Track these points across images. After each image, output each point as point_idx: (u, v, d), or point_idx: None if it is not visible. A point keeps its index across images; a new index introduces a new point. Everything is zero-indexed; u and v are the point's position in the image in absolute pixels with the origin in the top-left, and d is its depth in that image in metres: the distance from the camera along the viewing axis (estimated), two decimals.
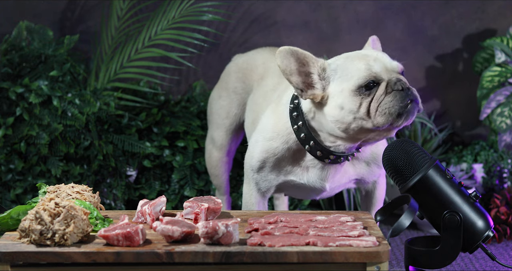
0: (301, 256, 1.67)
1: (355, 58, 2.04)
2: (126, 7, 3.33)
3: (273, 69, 2.46)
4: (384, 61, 2.03)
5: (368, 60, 2.02)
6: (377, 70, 2.01)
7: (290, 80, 2.02)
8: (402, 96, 1.97)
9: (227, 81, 2.65)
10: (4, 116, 3.06)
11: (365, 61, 2.02)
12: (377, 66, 2.01)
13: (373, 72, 2.00)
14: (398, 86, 1.98)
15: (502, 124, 3.28)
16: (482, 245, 1.90)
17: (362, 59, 2.03)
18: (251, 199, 2.24)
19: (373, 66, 2.01)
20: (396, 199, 1.93)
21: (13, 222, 1.83)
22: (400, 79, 2.00)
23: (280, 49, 2.01)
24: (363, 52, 2.08)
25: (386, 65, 2.02)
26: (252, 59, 2.60)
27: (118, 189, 3.11)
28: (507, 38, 3.42)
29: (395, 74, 2.02)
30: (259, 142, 2.17)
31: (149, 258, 1.67)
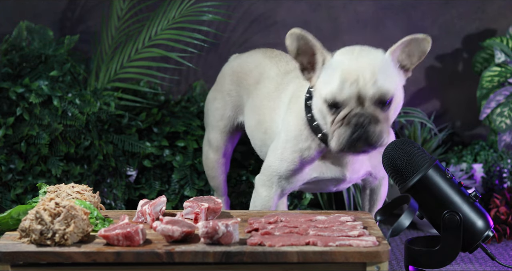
0: (301, 256, 1.67)
1: (342, 70, 1.98)
2: (126, 7, 3.33)
3: (268, 72, 2.46)
4: (362, 87, 1.94)
5: (348, 79, 1.95)
6: (345, 96, 1.95)
7: (296, 59, 2.05)
8: (352, 132, 1.94)
9: (221, 83, 2.67)
10: (4, 116, 3.06)
11: (344, 80, 1.96)
12: (348, 91, 1.94)
13: (340, 96, 1.95)
14: (353, 121, 1.94)
15: (502, 124, 3.28)
16: (482, 245, 1.90)
17: (345, 74, 1.96)
18: (269, 202, 2.23)
19: (345, 89, 1.95)
20: (396, 199, 1.94)
21: (13, 222, 1.84)
22: (362, 114, 1.93)
23: (291, 32, 2.02)
24: (355, 66, 1.98)
25: (361, 92, 1.94)
26: (245, 63, 2.60)
27: (118, 189, 3.12)
28: (507, 38, 3.42)
29: (364, 105, 1.94)
30: (287, 148, 2.16)
31: (149, 258, 1.67)
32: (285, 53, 2.59)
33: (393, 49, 2.02)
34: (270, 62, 2.50)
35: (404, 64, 2.04)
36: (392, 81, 1.97)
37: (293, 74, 2.37)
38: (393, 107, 2.00)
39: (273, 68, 2.46)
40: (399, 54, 2.02)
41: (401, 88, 2.04)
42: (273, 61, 2.50)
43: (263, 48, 2.70)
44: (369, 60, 1.98)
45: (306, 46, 2.03)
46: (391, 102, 1.97)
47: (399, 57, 2.03)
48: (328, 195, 3.36)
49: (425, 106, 3.66)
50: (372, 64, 1.97)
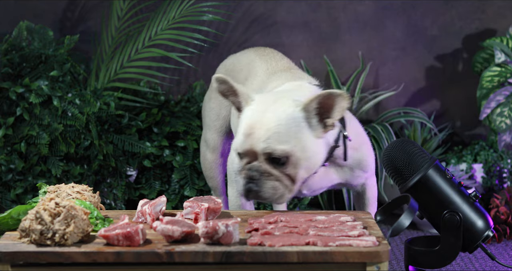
0: (301, 256, 1.67)
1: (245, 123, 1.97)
2: (126, 7, 3.34)
3: (256, 69, 2.46)
4: (255, 142, 1.93)
5: (246, 133, 1.96)
6: (241, 149, 1.96)
7: (228, 100, 2.07)
8: (244, 185, 1.95)
9: None
10: (4, 116, 3.06)
11: (243, 133, 1.96)
12: (244, 145, 1.95)
13: (239, 149, 1.97)
14: (246, 174, 1.95)
15: (502, 124, 3.28)
16: (481, 245, 1.90)
17: (245, 127, 1.96)
18: (236, 201, 2.26)
19: (242, 142, 1.96)
20: (396, 199, 1.94)
21: (13, 222, 1.84)
22: (253, 169, 1.94)
23: (215, 77, 2.04)
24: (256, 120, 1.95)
25: (253, 147, 1.94)
26: (237, 61, 2.60)
27: (118, 189, 3.12)
28: (507, 38, 3.42)
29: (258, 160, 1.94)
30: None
31: (149, 258, 1.67)
32: (277, 52, 2.59)
33: (306, 104, 1.94)
34: (260, 60, 2.50)
35: (324, 118, 1.96)
36: (289, 138, 1.92)
37: (279, 74, 2.36)
38: (296, 163, 1.94)
39: (262, 65, 2.46)
40: (316, 108, 1.95)
41: (313, 143, 1.96)
42: (263, 59, 2.50)
43: (257, 47, 2.69)
44: (271, 116, 1.94)
45: (230, 89, 2.05)
46: (288, 160, 1.92)
47: (318, 111, 1.96)
48: (328, 195, 3.36)
49: (425, 106, 3.66)
50: (273, 120, 1.93)
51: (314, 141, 1.96)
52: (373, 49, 3.64)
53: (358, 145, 2.14)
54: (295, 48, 3.57)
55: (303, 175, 1.97)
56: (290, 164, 1.93)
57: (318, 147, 1.98)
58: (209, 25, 3.51)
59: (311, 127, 1.95)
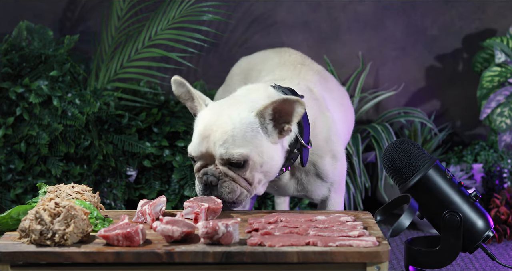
0: (301, 256, 1.67)
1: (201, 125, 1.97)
2: (126, 7, 3.33)
3: (269, 62, 2.46)
4: (212, 146, 1.93)
5: (202, 136, 1.94)
6: (197, 152, 1.95)
7: (185, 104, 2.08)
8: (204, 189, 1.95)
9: (229, 84, 2.66)
10: (4, 116, 3.06)
11: (199, 136, 1.95)
12: (200, 148, 1.94)
13: (194, 152, 1.95)
14: (204, 179, 1.94)
15: (502, 124, 3.28)
16: (482, 245, 1.90)
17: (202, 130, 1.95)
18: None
19: (198, 145, 1.94)
20: (396, 199, 1.93)
21: (13, 222, 1.83)
22: (211, 173, 1.93)
23: (173, 79, 2.04)
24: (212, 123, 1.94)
25: (210, 151, 1.93)
26: (253, 59, 2.61)
27: (118, 189, 3.11)
28: (507, 38, 3.42)
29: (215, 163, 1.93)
30: None
31: (149, 258, 1.67)
32: (295, 50, 2.59)
33: (261, 110, 1.93)
34: (274, 54, 2.51)
35: (281, 123, 1.96)
36: (245, 143, 1.91)
37: (283, 67, 2.36)
38: (253, 168, 1.93)
39: (275, 58, 2.47)
40: (271, 114, 1.94)
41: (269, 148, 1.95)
42: (277, 54, 2.50)
43: (274, 48, 2.69)
44: (227, 119, 1.93)
45: (187, 92, 2.05)
46: (245, 163, 1.92)
47: (274, 116, 1.95)
48: None
49: (425, 106, 3.66)
50: (229, 124, 1.92)
51: (269, 146, 1.96)
52: (373, 49, 3.64)
53: (321, 152, 2.13)
54: (295, 48, 3.56)
55: (260, 178, 1.97)
56: (247, 168, 1.93)
57: (274, 152, 1.97)
58: (209, 25, 3.51)
59: (266, 133, 1.95)
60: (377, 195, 3.49)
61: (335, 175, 2.17)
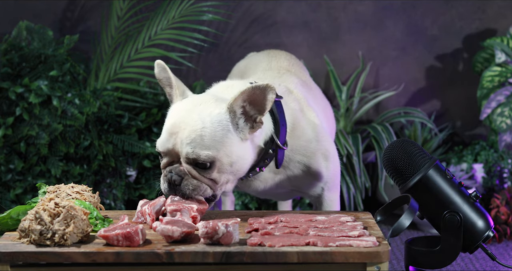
0: (301, 256, 1.67)
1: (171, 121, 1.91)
2: (126, 7, 3.33)
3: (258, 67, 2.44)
4: (178, 144, 1.87)
5: (170, 132, 1.89)
6: (164, 148, 1.90)
7: (165, 89, 2.04)
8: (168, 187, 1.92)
9: None
10: (4, 116, 3.06)
11: (167, 131, 1.90)
12: (167, 145, 1.89)
13: (161, 147, 1.91)
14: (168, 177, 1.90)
15: (502, 124, 3.28)
16: (482, 245, 1.90)
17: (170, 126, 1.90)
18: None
19: (165, 142, 1.89)
20: (396, 199, 1.93)
21: (13, 222, 1.83)
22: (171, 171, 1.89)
23: (157, 62, 2.01)
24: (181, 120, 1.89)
25: (176, 149, 1.88)
26: (250, 62, 2.60)
27: (118, 189, 3.11)
28: (507, 38, 3.42)
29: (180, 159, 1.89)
30: None
31: (149, 258, 1.67)
32: (288, 54, 2.56)
33: (231, 103, 1.88)
34: (265, 58, 2.48)
35: (251, 115, 1.90)
36: (214, 143, 1.86)
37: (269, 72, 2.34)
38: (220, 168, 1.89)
39: (264, 63, 2.44)
40: (243, 105, 1.89)
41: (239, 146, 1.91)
42: (268, 58, 2.47)
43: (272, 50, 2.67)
44: (197, 117, 1.88)
45: (168, 79, 2.02)
46: (212, 165, 1.87)
47: (244, 108, 1.89)
48: None
49: (425, 106, 3.66)
50: (198, 122, 1.87)
51: (239, 145, 1.90)
52: (373, 49, 3.63)
53: (310, 152, 2.09)
54: (295, 48, 3.57)
55: (227, 178, 1.92)
56: (213, 169, 1.88)
57: (244, 150, 1.92)
58: (209, 25, 3.51)
59: (237, 129, 1.90)
60: (377, 195, 3.49)
61: (328, 176, 2.15)
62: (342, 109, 3.52)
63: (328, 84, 3.65)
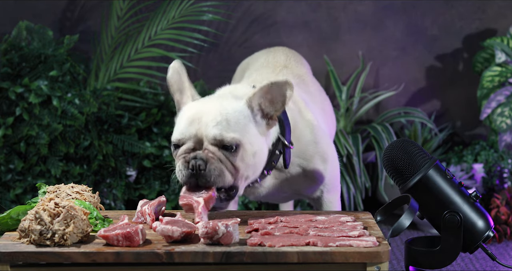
0: (301, 256, 1.67)
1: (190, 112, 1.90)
2: (126, 7, 3.33)
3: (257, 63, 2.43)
4: (203, 127, 1.86)
5: (192, 119, 1.88)
6: (184, 136, 1.87)
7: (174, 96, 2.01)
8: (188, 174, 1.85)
9: (233, 82, 2.66)
10: (3, 116, 3.06)
11: (188, 120, 1.89)
12: (189, 130, 1.87)
13: (182, 135, 1.88)
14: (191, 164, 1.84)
15: (503, 124, 3.28)
16: (482, 245, 1.90)
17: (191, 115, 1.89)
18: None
19: (185, 130, 1.87)
20: (396, 199, 1.93)
21: (13, 222, 1.83)
22: (199, 157, 1.84)
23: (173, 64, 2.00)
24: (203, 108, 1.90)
25: (201, 132, 1.87)
26: (251, 59, 2.60)
27: (118, 189, 3.11)
28: (508, 38, 3.42)
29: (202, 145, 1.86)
30: None
31: (149, 258, 1.67)
32: (286, 50, 2.55)
33: (250, 98, 1.89)
34: (264, 55, 2.48)
35: (267, 112, 1.91)
36: (238, 128, 1.86)
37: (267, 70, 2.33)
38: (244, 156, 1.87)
39: (261, 59, 2.43)
40: (260, 102, 1.90)
41: (259, 139, 1.91)
42: (265, 54, 2.47)
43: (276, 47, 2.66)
44: (218, 105, 1.89)
45: (180, 82, 2.00)
46: (237, 149, 1.85)
47: (262, 105, 1.90)
48: None
49: (425, 106, 3.66)
50: (220, 109, 1.87)
51: (259, 138, 1.91)
52: (373, 49, 3.63)
53: (309, 156, 2.08)
54: (295, 48, 3.56)
55: (247, 171, 1.90)
56: (238, 153, 1.86)
57: (263, 145, 1.93)
58: (209, 25, 3.51)
59: (256, 123, 1.91)
60: (377, 195, 3.49)
61: (327, 178, 2.14)
62: (342, 109, 3.52)
63: (328, 84, 3.65)
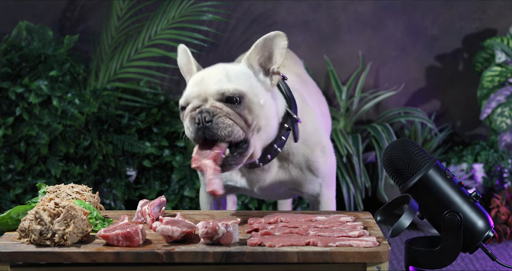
0: (301, 256, 1.66)
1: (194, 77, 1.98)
2: (126, 7, 3.33)
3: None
4: (206, 85, 1.91)
5: (195, 81, 1.94)
6: (189, 96, 1.92)
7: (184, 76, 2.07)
8: (197, 129, 1.89)
9: None
10: (3, 116, 3.06)
11: (192, 83, 1.95)
12: (193, 90, 1.92)
13: (187, 96, 1.93)
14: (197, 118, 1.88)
15: (503, 124, 3.28)
16: (482, 245, 1.90)
17: (194, 79, 1.96)
18: (204, 199, 2.29)
19: (190, 91, 1.93)
20: (396, 199, 1.93)
21: (13, 222, 1.83)
22: (204, 110, 1.88)
23: (180, 47, 2.05)
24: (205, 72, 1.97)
25: (204, 89, 1.91)
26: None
27: (118, 189, 3.11)
28: (507, 38, 3.42)
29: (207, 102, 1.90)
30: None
31: (149, 258, 1.67)
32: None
33: (248, 56, 1.96)
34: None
35: (268, 68, 1.97)
36: (240, 83, 1.91)
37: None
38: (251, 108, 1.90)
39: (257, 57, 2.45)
40: (259, 60, 1.96)
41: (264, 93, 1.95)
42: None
43: None
44: (220, 67, 1.97)
45: (188, 63, 2.05)
46: (242, 100, 1.89)
47: (261, 63, 1.96)
48: None
49: (425, 106, 3.66)
50: (221, 69, 1.95)
51: (265, 93, 1.95)
52: (373, 49, 3.63)
53: (312, 144, 2.11)
54: (295, 48, 3.57)
55: (258, 122, 1.92)
56: (244, 106, 1.89)
57: (270, 100, 1.96)
58: (209, 25, 3.51)
59: (259, 80, 1.96)
60: (377, 195, 3.49)
61: (326, 169, 2.16)
62: (342, 109, 3.52)
63: (328, 84, 3.65)
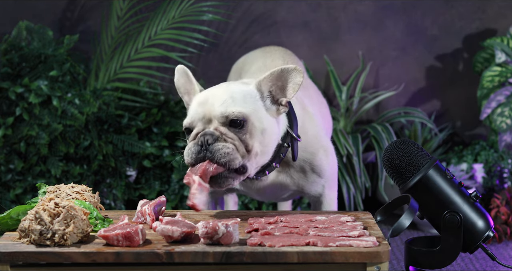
0: (301, 256, 1.66)
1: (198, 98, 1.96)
2: (126, 7, 3.33)
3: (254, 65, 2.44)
4: (210, 106, 1.90)
5: (200, 102, 1.93)
6: (193, 118, 1.92)
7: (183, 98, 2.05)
8: (198, 151, 1.88)
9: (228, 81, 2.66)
10: (3, 116, 3.06)
11: (197, 104, 1.94)
12: (198, 112, 1.92)
13: (191, 118, 1.93)
14: (200, 140, 1.88)
15: (503, 124, 3.28)
16: (482, 245, 1.90)
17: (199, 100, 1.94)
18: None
19: (194, 113, 1.92)
20: (396, 199, 1.93)
21: (13, 222, 1.83)
22: (207, 133, 1.88)
23: (178, 68, 2.03)
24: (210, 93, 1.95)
25: (209, 112, 1.90)
26: (247, 59, 2.60)
27: (118, 189, 3.11)
28: (508, 38, 3.42)
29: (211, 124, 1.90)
30: None
31: (149, 258, 1.67)
32: (284, 49, 2.57)
33: (260, 80, 1.94)
34: (262, 56, 2.49)
35: (277, 98, 1.95)
36: (245, 105, 1.90)
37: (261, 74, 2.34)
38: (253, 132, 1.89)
39: (259, 61, 2.44)
40: (270, 88, 1.94)
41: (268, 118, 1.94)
42: (263, 56, 2.48)
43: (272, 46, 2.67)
44: (226, 88, 1.94)
45: (187, 83, 2.03)
46: (245, 124, 1.88)
47: (272, 91, 1.95)
48: None
49: (425, 106, 3.66)
50: (227, 90, 1.93)
51: (268, 118, 1.94)
52: (373, 49, 3.63)
53: (314, 149, 2.11)
54: (295, 48, 3.57)
55: (257, 151, 1.92)
56: (246, 129, 1.89)
57: (273, 125, 1.95)
58: (209, 25, 3.51)
59: (265, 106, 1.94)
60: (377, 195, 3.49)
61: (329, 172, 2.17)
62: (342, 109, 3.52)
63: (328, 84, 3.65)
